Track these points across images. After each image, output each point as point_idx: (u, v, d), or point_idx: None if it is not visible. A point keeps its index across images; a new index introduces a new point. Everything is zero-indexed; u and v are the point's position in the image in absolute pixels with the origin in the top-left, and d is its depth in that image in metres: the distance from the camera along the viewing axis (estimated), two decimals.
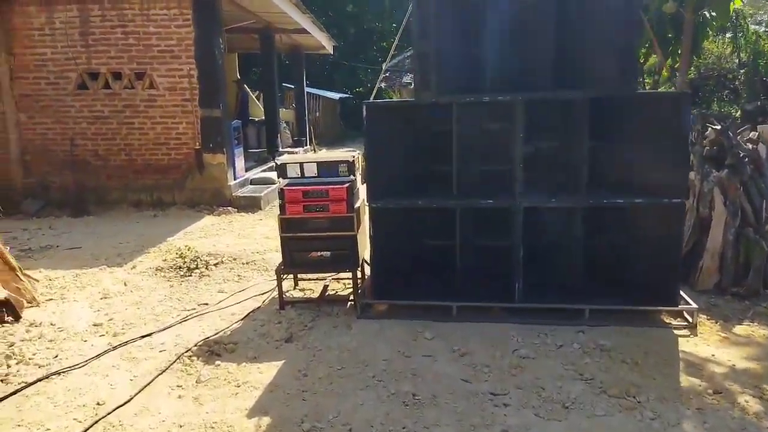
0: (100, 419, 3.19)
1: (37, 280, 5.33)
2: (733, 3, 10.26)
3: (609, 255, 4.40)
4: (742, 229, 4.82)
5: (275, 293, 4.89)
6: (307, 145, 16.76)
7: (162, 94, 9.05)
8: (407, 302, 4.48)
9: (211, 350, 3.98)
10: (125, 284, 5.51)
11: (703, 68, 17.24)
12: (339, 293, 5.13)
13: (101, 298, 5.17)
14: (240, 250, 6.65)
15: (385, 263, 4.41)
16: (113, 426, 3.15)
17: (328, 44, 15.96)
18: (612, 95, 4.03)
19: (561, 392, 3.38)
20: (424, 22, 4.05)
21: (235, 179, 9.64)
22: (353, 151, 5.00)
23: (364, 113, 4.23)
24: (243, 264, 6.10)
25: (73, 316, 4.73)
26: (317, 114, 23.03)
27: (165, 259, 6.22)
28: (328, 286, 5.16)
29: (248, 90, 15.92)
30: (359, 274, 4.86)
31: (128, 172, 9.28)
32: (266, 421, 3.14)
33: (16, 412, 3.29)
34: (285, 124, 16.97)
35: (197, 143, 9.09)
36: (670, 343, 3.99)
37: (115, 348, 4.11)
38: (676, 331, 4.16)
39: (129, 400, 3.38)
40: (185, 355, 3.94)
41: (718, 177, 4.98)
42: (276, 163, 4.72)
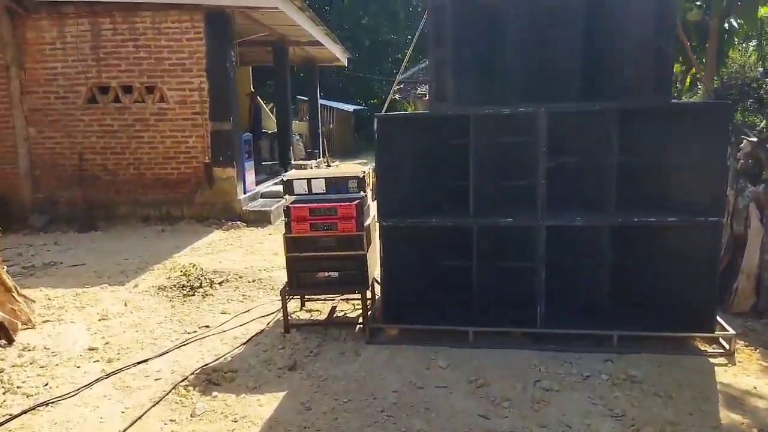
0: None
1: (34, 301, 5.12)
2: (761, 10, 9.92)
3: (638, 277, 4.07)
4: None
5: (280, 315, 4.63)
6: (320, 157, 16.59)
7: (172, 107, 8.90)
8: (420, 327, 4.19)
9: (209, 379, 3.72)
10: (125, 304, 5.28)
11: (726, 77, 16.75)
12: (348, 315, 4.85)
13: (99, 320, 4.94)
14: (246, 267, 6.41)
15: (397, 285, 4.13)
16: None
17: (342, 56, 15.81)
18: (645, 106, 3.72)
19: (589, 431, 3.06)
20: (440, 29, 3.80)
21: (245, 193, 9.45)
22: (365, 165, 4.74)
23: (375, 126, 3.97)
24: (249, 282, 5.85)
25: (68, 340, 4.51)
26: (331, 126, 22.89)
27: (169, 277, 5.99)
28: (336, 307, 4.88)
29: (262, 103, 15.81)
30: (369, 294, 4.58)
31: (137, 187, 9.13)
32: None
33: None
34: (298, 137, 16.82)
35: (207, 157, 8.91)
36: (706, 374, 3.65)
37: (108, 376, 3.87)
38: (712, 360, 3.82)
39: None
40: (181, 384, 3.68)
41: (754, 192, 4.65)
42: (282, 179, 4.48)
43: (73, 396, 3.61)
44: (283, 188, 4.49)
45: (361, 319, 4.51)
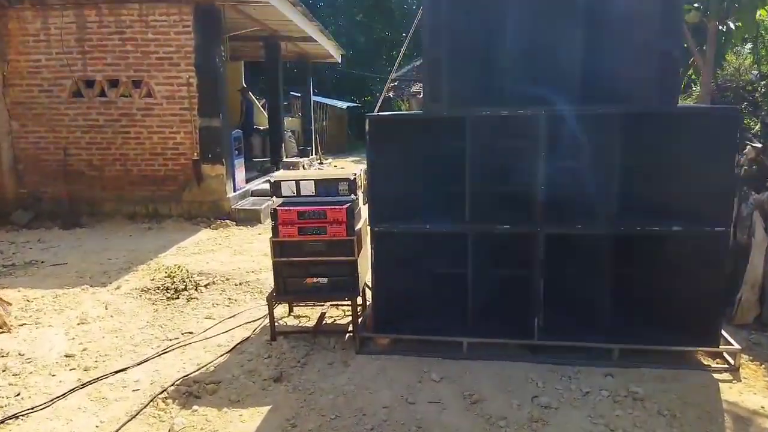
0: None
1: (10, 303, 4.90)
2: (760, 13, 9.81)
3: (640, 288, 3.92)
4: None
5: (267, 321, 4.44)
6: (312, 154, 16.38)
7: (159, 102, 8.67)
8: (412, 337, 4.02)
9: (190, 391, 3.53)
10: (106, 308, 5.07)
11: (721, 80, 16.66)
12: (337, 322, 4.67)
13: (78, 324, 4.74)
14: (234, 268, 6.21)
15: (389, 293, 3.95)
16: None
17: (335, 53, 15.59)
18: (649, 111, 3.56)
19: None
20: (436, 26, 3.62)
21: (234, 191, 9.24)
22: (359, 163, 4.55)
23: (367, 127, 3.79)
24: (235, 285, 5.65)
25: (44, 345, 4.30)
26: (324, 123, 22.66)
27: (153, 279, 5.78)
28: (325, 313, 4.70)
29: (253, 99, 15.57)
30: (360, 300, 4.40)
31: (123, 183, 8.90)
32: None
33: None
34: (290, 133, 16.60)
35: (195, 153, 8.69)
36: (711, 391, 3.50)
37: (84, 385, 3.67)
38: (717, 375, 3.67)
39: None
40: (160, 396, 3.49)
41: (758, 200, 4.50)
42: (269, 181, 4.29)
43: (45, 408, 3.41)
44: (270, 190, 4.30)
45: (350, 327, 4.33)
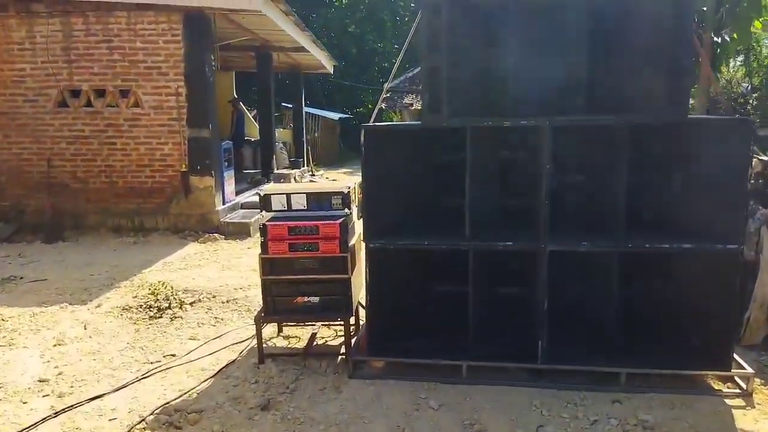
0: None
1: None
2: (754, 25, 9.77)
3: (648, 308, 3.73)
4: None
5: (254, 342, 4.21)
6: (304, 166, 16.17)
7: (147, 112, 8.45)
8: (409, 360, 3.80)
9: (170, 421, 3.28)
10: (85, 327, 4.82)
11: (713, 92, 16.69)
12: (329, 343, 4.44)
13: (55, 345, 4.49)
14: (221, 284, 5.98)
15: (384, 314, 3.74)
16: None
17: (327, 63, 15.45)
18: (659, 121, 3.39)
19: None
20: (435, 32, 3.44)
21: (223, 204, 9.00)
22: (351, 174, 4.35)
23: (362, 138, 3.59)
24: (222, 303, 5.42)
25: (17, 369, 4.05)
26: (316, 134, 22.48)
27: (135, 296, 5.54)
28: (316, 333, 4.47)
29: (244, 109, 15.38)
30: (353, 320, 4.18)
31: (108, 196, 8.64)
32: None
33: None
34: (282, 145, 16.40)
35: (184, 165, 8.46)
36: (724, 419, 3.30)
37: (57, 414, 3.42)
38: (728, 401, 3.47)
39: None
40: (138, 427, 3.24)
41: (765, 214, 4.33)
42: (259, 194, 4.08)
43: None
44: (259, 204, 4.09)
45: (343, 349, 4.11)
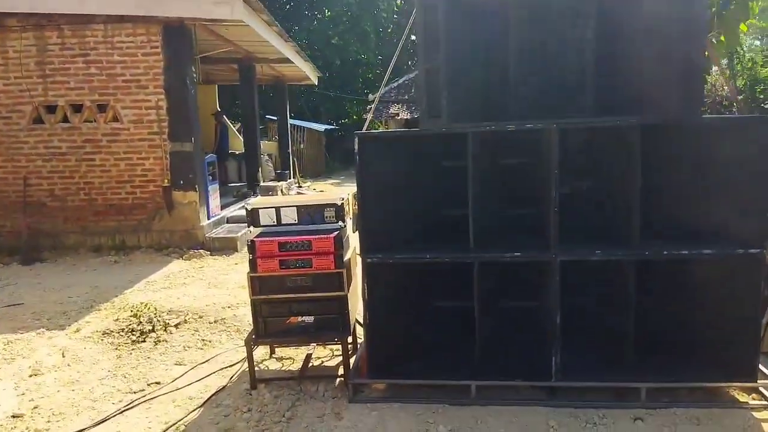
0: None
1: None
2: (742, 25, 9.73)
3: (666, 318, 3.52)
4: None
5: (245, 365, 3.94)
6: (290, 178, 15.90)
7: (126, 127, 8.15)
8: (413, 382, 3.55)
9: None
10: (63, 355, 4.51)
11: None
12: (326, 363, 4.18)
13: (31, 375, 4.18)
14: (208, 304, 5.69)
15: (384, 333, 3.48)
16: None
17: (312, 75, 15.24)
18: (672, 121, 3.20)
19: None
20: (432, 32, 3.23)
21: (209, 218, 8.71)
22: (339, 185, 4.10)
23: (356, 146, 3.36)
24: (210, 323, 5.13)
25: None
26: (301, 146, 22.23)
27: (117, 319, 5.22)
28: (311, 354, 4.20)
29: (228, 122, 15.10)
30: (350, 338, 3.92)
31: (87, 214, 8.32)
32: None
33: None
34: (267, 157, 16.13)
35: (166, 180, 8.16)
36: None
37: None
38: (756, 414, 3.27)
39: None
40: None
41: None
42: (246, 208, 3.83)
43: None
44: (246, 218, 3.84)
45: (341, 371, 3.84)
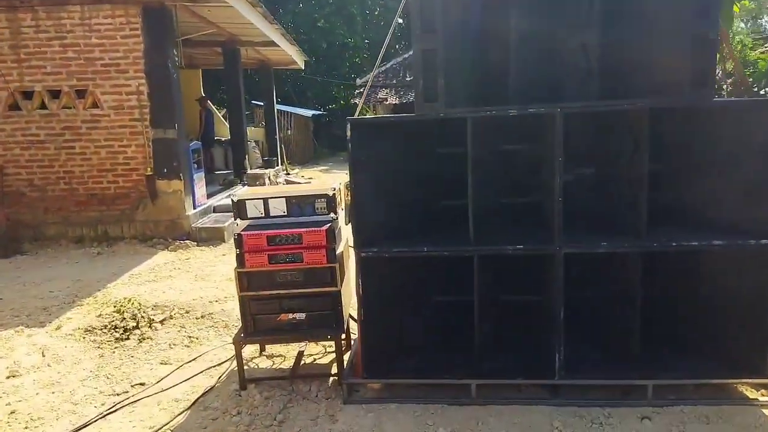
0: None
1: None
2: (736, 7, 9.59)
3: (674, 313, 3.39)
4: None
5: (234, 364, 3.77)
6: (278, 165, 15.63)
7: (107, 113, 7.86)
8: (410, 381, 3.39)
9: None
10: (43, 354, 4.31)
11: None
12: (318, 361, 4.01)
13: (8, 377, 3.98)
14: (195, 297, 5.49)
15: (380, 330, 3.32)
16: None
17: (298, 58, 14.92)
18: (682, 104, 3.03)
19: None
20: (428, 10, 3.03)
21: (194, 208, 8.47)
22: (327, 172, 3.90)
23: (348, 133, 3.16)
24: (197, 319, 4.93)
25: None
26: (289, 132, 21.90)
27: (100, 315, 5.01)
28: (303, 352, 4.03)
29: (213, 108, 14.77)
30: (345, 335, 3.75)
31: (69, 204, 8.05)
32: None
33: None
34: (254, 144, 15.83)
35: (149, 168, 7.90)
36: None
37: None
38: (766, 410, 3.16)
39: None
40: None
41: None
42: (232, 200, 3.62)
43: None
44: (233, 211, 3.64)
45: (335, 369, 3.68)
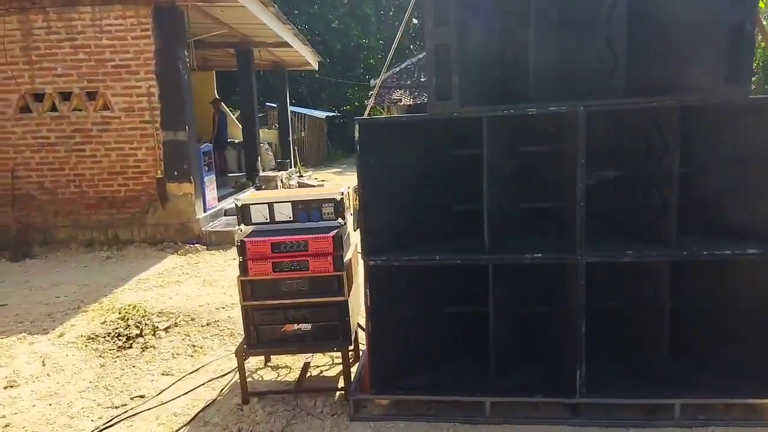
0: None
1: None
2: (762, 2, 9.26)
3: (703, 325, 3.15)
4: None
5: (237, 376, 3.60)
6: (291, 167, 15.52)
7: (117, 115, 7.78)
8: (420, 398, 3.20)
9: None
10: (43, 363, 4.19)
11: None
12: (325, 373, 3.84)
13: (6, 387, 3.86)
14: (201, 304, 5.35)
15: (389, 343, 3.13)
16: None
17: (312, 60, 14.80)
18: (715, 102, 2.81)
19: None
20: (441, 4, 2.84)
21: (205, 211, 8.36)
22: (341, 174, 3.72)
23: (356, 134, 2.98)
24: (202, 327, 4.79)
25: None
26: (302, 134, 21.81)
27: (104, 322, 4.89)
28: (309, 363, 3.86)
29: (227, 110, 14.70)
30: (353, 347, 3.57)
31: (79, 207, 7.98)
32: None
33: None
34: (267, 146, 15.74)
35: (159, 171, 7.80)
36: None
37: None
38: None
39: None
40: None
41: None
42: (236, 205, 3.47)
43: None
44: (237, 216, 3.48)
45: (341, 383, 3.50)
